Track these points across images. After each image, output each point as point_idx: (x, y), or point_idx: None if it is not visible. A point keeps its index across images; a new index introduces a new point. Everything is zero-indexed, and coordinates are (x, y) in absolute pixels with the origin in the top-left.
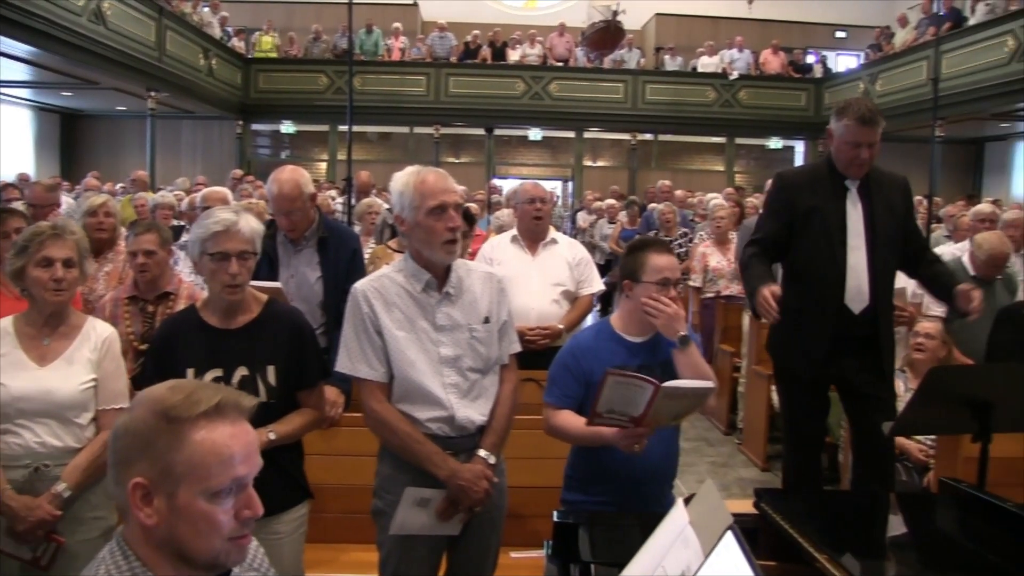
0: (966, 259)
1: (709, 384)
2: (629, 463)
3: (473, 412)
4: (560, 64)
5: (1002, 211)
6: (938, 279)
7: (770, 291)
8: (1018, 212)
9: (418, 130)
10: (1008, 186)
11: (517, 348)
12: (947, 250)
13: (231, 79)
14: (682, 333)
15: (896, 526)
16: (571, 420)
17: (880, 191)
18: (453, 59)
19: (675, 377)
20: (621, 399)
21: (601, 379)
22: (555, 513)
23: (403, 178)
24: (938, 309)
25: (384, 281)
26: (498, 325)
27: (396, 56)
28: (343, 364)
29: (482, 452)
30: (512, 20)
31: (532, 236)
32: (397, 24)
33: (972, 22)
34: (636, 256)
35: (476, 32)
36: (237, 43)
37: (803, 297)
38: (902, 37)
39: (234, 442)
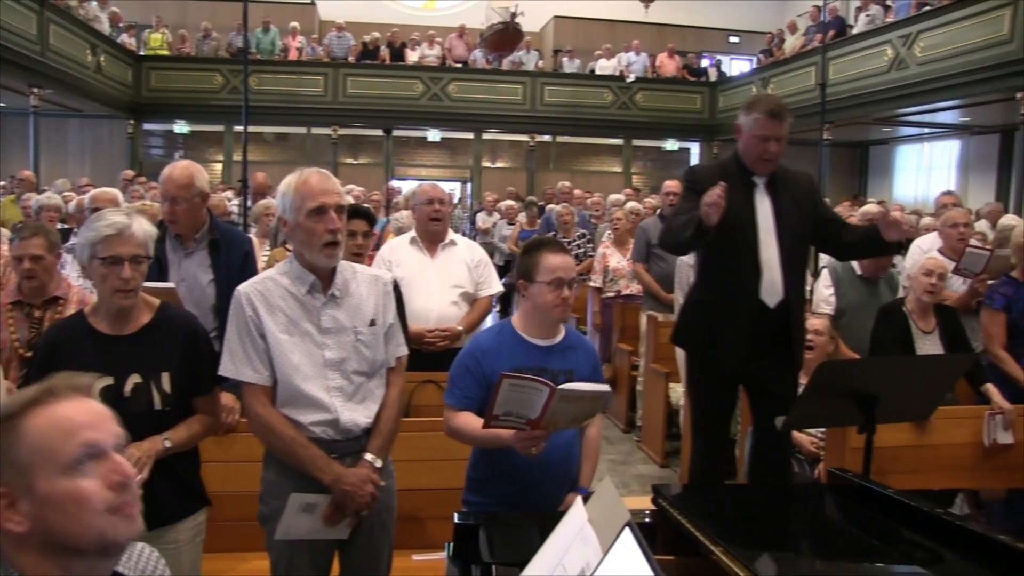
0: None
1: (605, 388)
2: (528, 465)
3: (358, 415)
4: (459, 65)
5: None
6: (865, 234)
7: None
8: (898, 213)
9: (316, 131)
10: (891, 187)
11: (404, 351)
12: None
13: (121, 77)
14: None
15: (789, 516)
16: (471, 422)
17: (786, 187)
18: (351, 59)
19: (576, 379)
20: (517, 401)
21: (497, 382)
22: (456, 514)
23: (287, 179)
24: (826, 307)
25: (268, 283)
26: (384, 328)
27: (293, 56)
28: (226, 367)
29: (368, 456)
30: (411, 21)
31: (431, 238)
32: (294, 23)
33: (855, 31)
34: (530, 256)
35: (376, 33)
36: (127, 39)
37: (719, 291)
38: (792, 43)
39: (75, 412)
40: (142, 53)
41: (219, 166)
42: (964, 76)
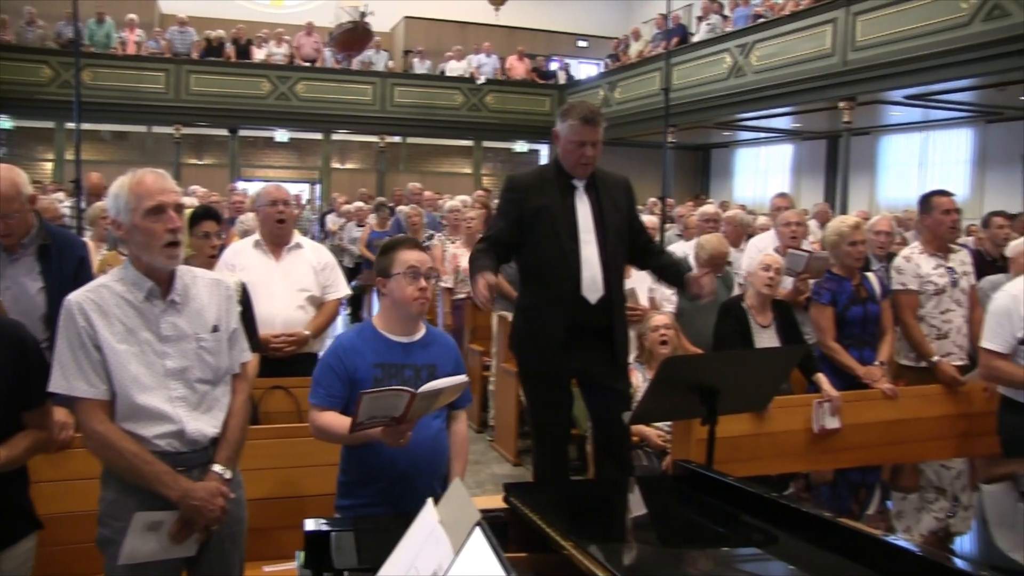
0: (692, 258)
1: (463, 378)
2: (398, 463)
3: (205, 425)
4: (307, 64)
5: (724, 211)
6: (668, 268)
7: (484, 280)
8: (736, 211)
9: (157, 129)
10: (731, 188)
11: (248, 356)
12: (678, 248)
13: None
14: None
15: (637, 509)
16: (336, 420)
17: (605, 189)
18: (194, 55)
19: (438, 375)
20: (380, 408)
21: (357, 401)
22: (306, 522)
23: (119, 181)
24: (669, 306)
25: (102, 291)
26: (228, 333)
27: (131, 50)
28: (57, 383)
29: (216, 467)
30: (257, 18)
31: (276, 240)
32: (132, 16)
33: (696, 39)
34: (387, 255)
35: (220, 31)
36: None
37: (540, 293)
38: (637, 49)
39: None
40: None
41: (49, 165)
42: (794, 85)
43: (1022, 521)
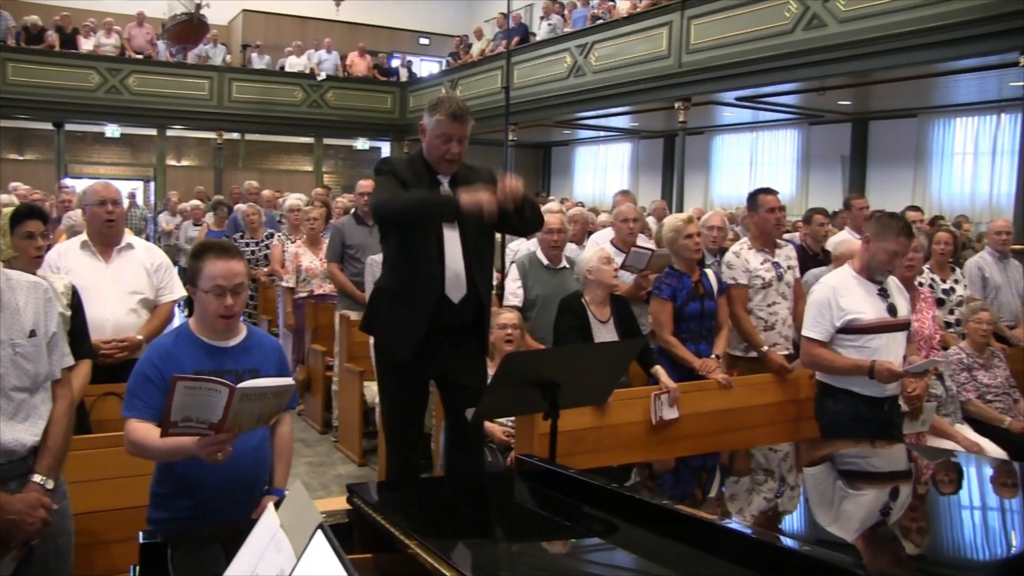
0: (539, 253)
1: (288, 381)
2: (216, 472)
3: (23, 434)
4: (140, 57)
5: (566, 208)
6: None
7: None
8: (578, 209)
9: None
10: (571, 186)
11: (70, 361)
12: (521, 245)
13: None
14: None
15: (482, 505)
16: (151, 433)
17: (469, 184)
18: (11, 42)
19: (261, 377)
20: (196, 406)
21: (170, 386)
22: (141, 534)
23: None
24: (515, 300)
25: None
26: (47, 338)
27: None
28: None
29: (37, 477)
30: (83, 5)
31: (104, 241)
32: None
33: (538, 39)
34: (195, 261)
35: (34, 17)
36: None
37: (404, 285)
38: (479, 47)
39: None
40: None
41: None
42: (632, 85)
43: (839, 498)
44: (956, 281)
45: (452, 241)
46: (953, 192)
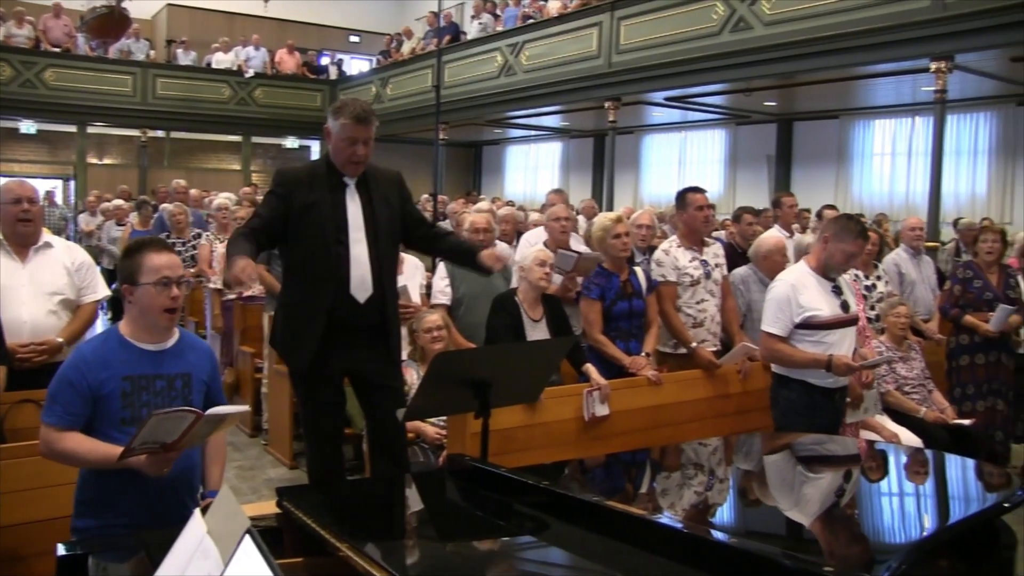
0: None
1: (245, 408)
2: (146, 479)
3: None
4: (57, 50)
5: (497, 208)
6: (456, 250)
7: (243, 262)
8: (508, 208)
9: None
10: (502, 185)
11: None
12: None
13: None
14: None
15: (414, 505)
16: (85, 444)
17: (376, 186)
18: None
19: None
20: (159, 432)
21: (144, 419)
22: (59, 546)
23: None
24: (443, 298)
25: None
26: None
27: None
28: None
29: None
30: None
31: (20, 240)
32: None
33: (469, 38)
34: (133, 258)
35: None
36: None
37: (305, 291)
38: (410, 46)
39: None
40: None
41: None
42: (563, 85)
43: (799, 484)
44: (878, 278)
45: (359, 243)
46: (873, 191)
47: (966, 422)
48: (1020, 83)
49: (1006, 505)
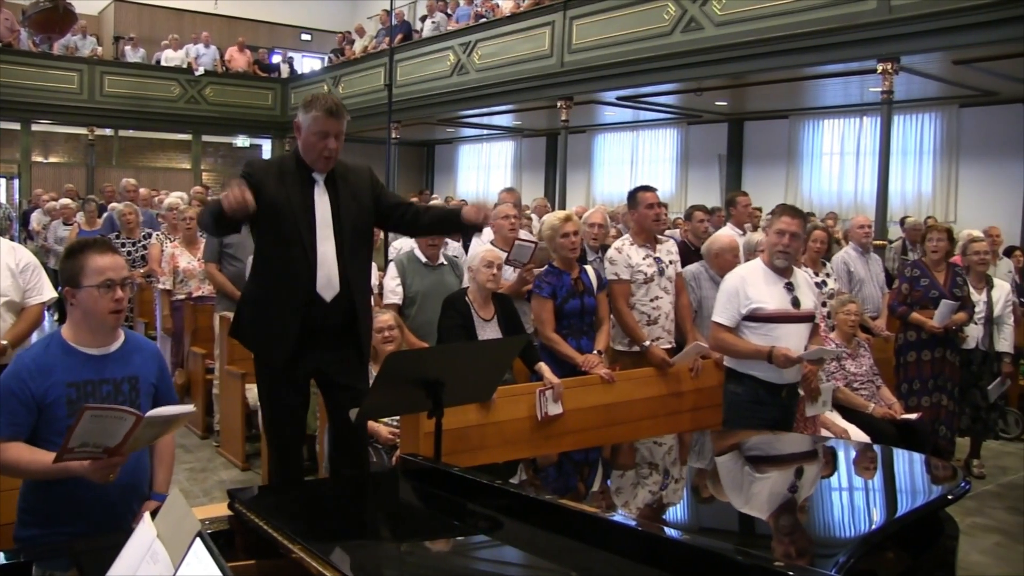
0: (417, 251)
1: (191, 408)
2: (94, 486)
3: None
4: None
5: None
6: (441, 216)
7: (236, 181)
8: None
9: None
10: (455, 183)
11: None
12: (403, 244)
13: None
14: None
15: (367, 506)
16: (28, 454)
17: (346, 182)
18: None
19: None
20: (98, 432)
21: (77, 415)
22: (1, 555)
23: None
24: (394, 298)
25: None
26: None
27: None
28: None
29: None
30: None
31: None
32: None
33: (422, 36)
34: (75, 260)
35: None
36: None
37: (272, 286)
38: (361, 44)
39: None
40: None
41: None
42: (515, 84)
43: (749, 483)
44: (828, 275)
45: (326, 240)
46: (823, 190)
47: (912, 417)
48: (962, 85)
49: (950, 497)
